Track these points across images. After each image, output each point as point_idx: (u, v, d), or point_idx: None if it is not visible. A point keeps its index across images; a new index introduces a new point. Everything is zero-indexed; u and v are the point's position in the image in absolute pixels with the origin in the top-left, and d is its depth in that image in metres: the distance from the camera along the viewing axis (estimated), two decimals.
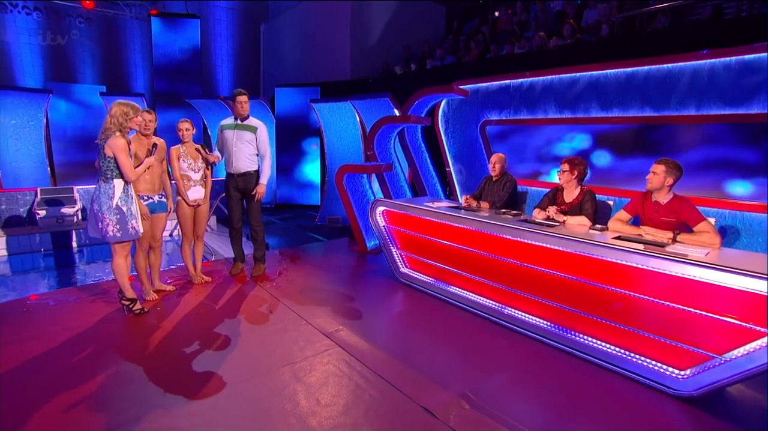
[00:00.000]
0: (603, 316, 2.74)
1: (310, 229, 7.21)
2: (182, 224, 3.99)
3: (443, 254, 3.73)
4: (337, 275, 4.49)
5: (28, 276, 5.31)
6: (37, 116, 7.47)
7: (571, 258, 2.79)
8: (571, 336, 2.92)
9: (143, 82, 10.46)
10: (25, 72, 9.19)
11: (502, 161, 4.06)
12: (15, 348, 2.92)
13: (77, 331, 3.17)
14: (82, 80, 9.69)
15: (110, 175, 3.19)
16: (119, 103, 3.20)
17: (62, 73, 9.51)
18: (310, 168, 9.27)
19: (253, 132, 4.09)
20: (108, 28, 9.96)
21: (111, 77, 10.05)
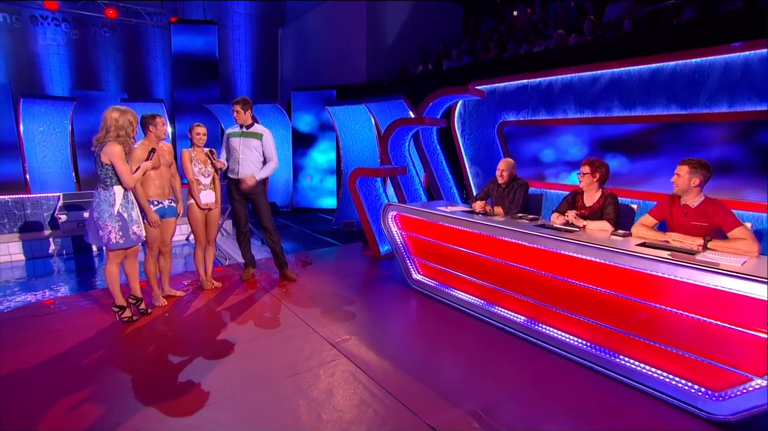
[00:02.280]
0: (627, 330, 2.54)
1: (325, 233, 7.20)
2: (194, 229, 3.98)
3: (457, 260, 3.61)
4: (349, 282, 4.41)
5: (46, 280, 5.38)
6: (63, 123, 7.65)
7: (592, 266, 2.61)
8: (592, 351, 2.74)
9: (164, 88, 10.65)
10: (54, 81, 9.50)
11: (510, 167, 3.89)
12: (19, 353, 2.93)
13: (84, 336, 3.18)
14: (105, 88, 9.95)
15: (109, 182, 3.17)
16: (121, 111, 3.16)
17: (87, 81, 9.78)
18: (326, 170, 9.21)
19: (259, 139, 4.09)
20: (130, 36, 10.20)
21: (133, 85, 10.27)
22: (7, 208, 6.31)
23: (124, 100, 8.23)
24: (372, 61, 9.37)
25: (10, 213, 6.31)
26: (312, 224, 8.09)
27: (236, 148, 4.05)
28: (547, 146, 4.92)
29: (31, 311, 3.72)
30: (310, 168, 9.28)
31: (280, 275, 4.45)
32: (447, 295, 3.79)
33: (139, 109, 9.09)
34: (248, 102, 4.08)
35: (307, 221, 8.32)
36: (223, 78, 11.17)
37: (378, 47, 9.38)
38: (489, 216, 3.52)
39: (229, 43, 11.47)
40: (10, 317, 3.60)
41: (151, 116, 3.53)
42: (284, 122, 9.28)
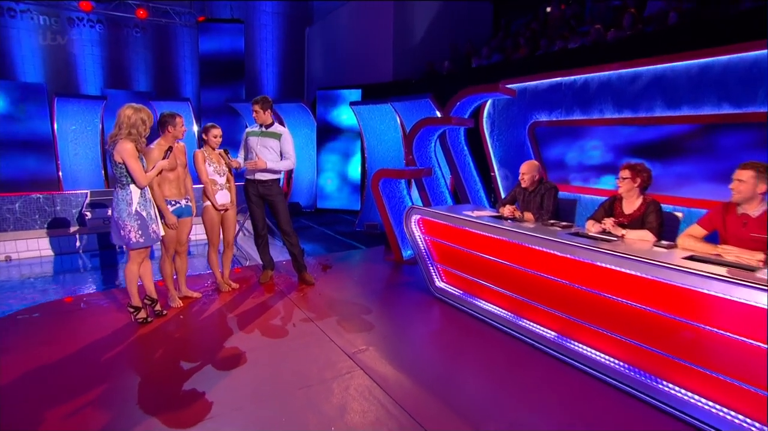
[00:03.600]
0: (671, 352, 2.32)
1: (348, 235, 7.16)
2: (209, 230, 3.98)
3: (483, 269, 3.45)
4: (369, 288, 4.32)
5: (70, 277, 5.54)
6: (94, 122, 7.89)
7: (631, 280, 2.39)
8: (629, 373, 2.52)
9: (191, 87, 10.87)
10: (88, 80, 9.86)
11: (532, 171, 3.68)
12: (32, 352, 2.96)
13: (97, 336, 3.19)
14: (135, 87, 10.23)
15: (125, 181, 3.17)
16: (135, 108, 3.15)
17: (118, 80, 10.11)
18: (351, 172, 9.19)
19: (277, 139, 4.08)
20: (160, 36, 10.46)
21: (161, 84, 10.54)
22: (39, 204, 6.54)
23: (152, 98, 8.41)
24: (399, 59, 9.30)
25: (42, 209, 6.55)
26: (335, 225, 8.05)
27: (253, 147, 4.05)
28: (581, 147, 4.72)
29: (50, 309, 3.78)
30: (333, 169, 9.29)
31: (298, 279, 4.41)
32: (472, 305, 3.64)
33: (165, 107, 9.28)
34: (267, 101, 4.06)
35: (330, 223, 8.29)
36: (250, 77, 11.30)
37: (405, 46, 9.29)
38: (518, 222, 3.35)
39: (256, 42, 11.60)
40: (28, 314, 3.66)
41: (171, 114, 3.52)
42: (309, 121, 9.31)
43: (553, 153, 4.98)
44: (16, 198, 6.45)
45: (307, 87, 12.34)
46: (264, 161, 3.97)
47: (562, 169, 4.90)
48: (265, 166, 3.97)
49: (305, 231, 7.56)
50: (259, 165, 3.96)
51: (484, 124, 5.59)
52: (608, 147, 4.49)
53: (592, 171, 4.66)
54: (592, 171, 4.66)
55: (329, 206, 9.37)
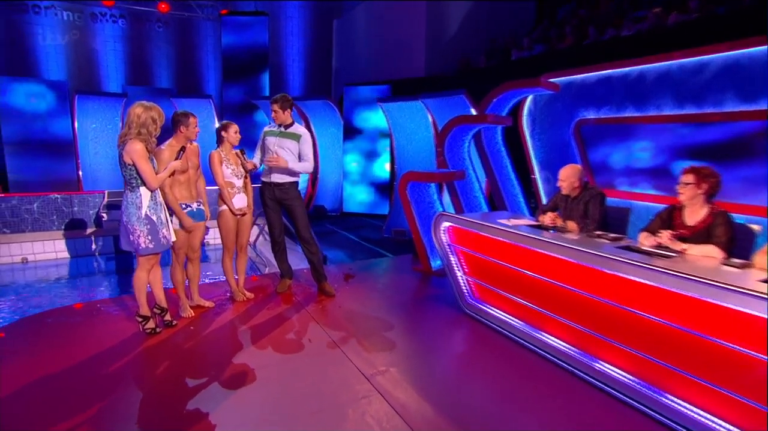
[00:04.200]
0: (739, 392, 2.09)
1: (374, 242, 7.17)
2: (224, 236, 4.00)
3: (520, 285, 3.31)
4: (393, 301, 4.25)
5: (84, 281, 5.71)
6: (114, 120, 8.17)
7: (693, 305, 2.18)
8: (688, 413, 2.29)
9: (215, 83, 11.14)
10: (110, 77, 10.27)
11: (571, 176, 3.49)
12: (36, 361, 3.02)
13: (104, 347, 3.24)
14: (157, 83, 10.57)
15: (135, 183, 3.19)
16: (145, 107, 3.18)
17: (140, 76, 10.48)
18: (379, 174, 9.24)
19: (296, 140, 4.08)
20: (182, 30, 10.80)
21: (183, 80, 10.86)
22: (57, 205, 6.81)
23: (173, 95, 8.63)
24: (431, 54, 9.29)
25: (59, 210, 6.82)
26: (361, 230, 8.08)
27: (270, 148, 4.07)
28: (634, 148, 4.51)
29: (59, 315, 3.87)
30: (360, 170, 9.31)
31: (318, 289, 4.39)
32: (506, 325, 3.50)
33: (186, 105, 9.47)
34: (287, 100, 4.08)
35: (356, 228, 8.33)
36: (275, 72, 11.48)
37: (438, 39, 9.25)
38: (560, 233, 3.18)
39: (282, 36, 11.81)
40: (37, 321, 3.77)
41: (184, 113, 3.55)
42: (335, 119, 9.38)
43: (601, 154, 4.81)
44: (34, 198, 6.73)
45: (335, 83, 12.46)
46: (284, 160, 3.97)
47: (611, 172, 4.71)
48: (286, 164, 3.97)
49: (329, 237, 7.58)
50: (281, 163, 3.96)
51: (524, 122, 5.47)
52: (664, 147, 4.27)
53: (645, 175, 4.44)
54: (645, 175, 4.44)
55: (356, 209, 9.43)
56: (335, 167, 9.55)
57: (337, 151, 9.40)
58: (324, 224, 8.67)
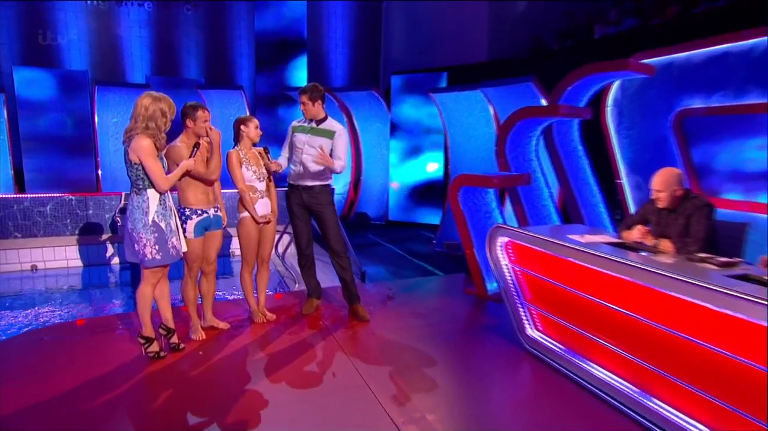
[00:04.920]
0: None
1: (423, 257, 7.20)
2: (244, 247, 4.04)
3: (596, 319, 3.08)
4: (438, 330, 4.17)
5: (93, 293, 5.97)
6: None
7: None
8: None
9: (248, 73, 11.41)
10: (134, 66, 10.75)
11: (672, 184, 3.21)
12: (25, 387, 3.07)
13: (101, 371, 3.29)
14: (185, 73, 10.98)
15: (142, 185, 3.22)
16: (154, 97, 3.21)
17: (167, 65, 10.90)
18: (430, 175, 9.25)
19: (329, 138, 4.11)
20: (214, 13, 11.16)
21: (213, 69, 11.19)
22: (71, 207, 7.17)
23: (200, 87, 8.96)
24: (496, 34, 9.34)
25: (73, 213, 7.18)
26: (408, 243, 8.14)
27: (300, 147, 4.10)
28: (755, 146, 4.23)
29: (57, 332, 4.01)
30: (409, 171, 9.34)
31: (349, 312, 4.40)
32: (577, 369, 3.28)
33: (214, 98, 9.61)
34: (318, 90, 4.09)
35: (403, 239, 8.39)
36: (315, 60, 11.62)
37: (504, 17, 9.30)
38: (651, 254, 2.93)
39: (323, 19, 11.95)
40: (31, 338, 3.90)
41: (192, 106, 3.59)
42: (381, 113, 9.45)
43: (708, 153, 4.58)
44: (47, 199, 7.09)
45: (383, 72, 12.57)
46: (332, 160, 3.99)
47: (720, 176, 4.49)
48: (332, 164, 3.98)
49: (371, 249, 7.67)
50: (327, 162, 3.94)
51: (608, 114, 5.31)
52: None
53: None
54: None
55: (404, 218, 9.50)
56: (381, 168, 9.60)
57: (383, 149, 9.47)
58: (366, 234, 8.78)
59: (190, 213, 3.61)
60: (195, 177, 3.57)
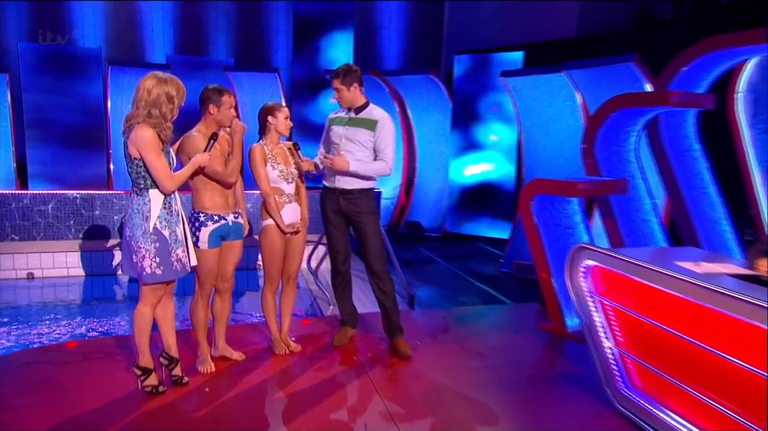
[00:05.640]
0: None
1: (487, 278, 7.12)
2: (267, 261, 4.08)
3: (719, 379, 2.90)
4: (501, 374, 4.10)
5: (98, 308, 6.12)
6: None
7: None
8: None
9: (284, 53, 11.62)
10: (155, 43, 11.12)
11: None
12: None
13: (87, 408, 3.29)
14: (211, 52, 11.29)
15: (143, 184, 3.23)
16: (159, 78, 3.21)
17: (191, 43, 11.23)
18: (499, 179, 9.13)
19: (371, 129, 4.10)
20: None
21: (245, 48, 11.45)
22: (75, 207, 7.42)
23: (228, 68, 9.16)
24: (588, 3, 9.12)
25: (77, 213, 7.42)
26: (469, 260, 8.08)
27: (337, 142, 4.14)
28: None
29: (43, 356, 4.11)
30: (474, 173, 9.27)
31: (390, 346, 4.36)
32: None
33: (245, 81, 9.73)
34: (353, 72, 4.08)
35: (463, 256, 8.32)
36: (363, 38, 11.67)
37: None
38: None
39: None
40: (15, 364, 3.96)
41: (216, 89, 3.63)
42: (441, 101, 9.46)
43: None
44: (49, 197, 7.31)
45: (446, 51, 12.60)
46: (345, 160, 3.99)
47: None
48: (345, 167, 3.98)
49: (423, 267, 7.64)
50: (336, 165, 3.98)
51: (738, 103, 5.06)
52: None
53: None
54: None
55: (465, 230, 9.39)
56: (439, 168, 9.56)
57: (442, 146, 9.44)
58: (419, 248, 8.73)
59: (205, 219, 3.61)
60: (210, 177, 3.59)
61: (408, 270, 6.69)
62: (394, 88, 9.28)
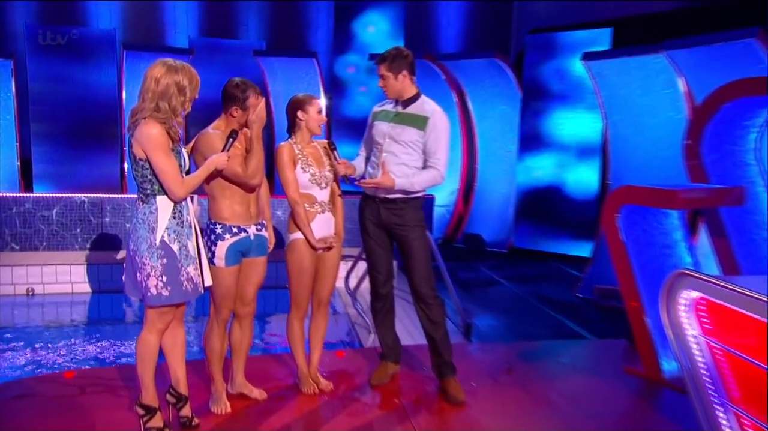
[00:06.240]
0: None
1: (561, 306, 7.02)
2: (294, 282, 4.04)
3: None
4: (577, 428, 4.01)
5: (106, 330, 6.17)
6: None
7: None
8: None
9: (324, 34, 11.67)
10: (176, 24, 11.34)
11: None
12: None
13: None
14: (242, 34, 11.44)
15: (149, 189, 3.21)
16: (169, 66, 3.19)
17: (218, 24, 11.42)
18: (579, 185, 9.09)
19: (420, 127, 4.06)
20: None
21: (279, 29, 11.58)
22: (83, 212, 7.54)
23: (259, 53, 9.25)
24: None
25: (85, 220, 7.55)
26: (541, 282, 8.09)
27: (380, 141, 4.13)
28: None
29: (34, 387, 4.12)
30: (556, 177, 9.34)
31: (439, 388, 4.28)
32: None
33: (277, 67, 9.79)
34: (402, 57, 4.04)
35: (534, 277, 8.35)
36: (415, 15, 11.62)
37: None
38: None
39: None
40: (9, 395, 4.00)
41: (242, 84, 3.61)
42: (509, 90, 9.43)
43: None
44: (54, 201, 7.43)
45: (516, 31, 12.52)
46: (390, 179, 3.96)
47: None
48: (391, 185, 3.96)
49: (484, 290, 7.72)
50: (382, 188, 3.98)
51: None
52: None
53: None
54: None
55: (536, 245, 9.44)
56: (505, 171, 9.53)
57: (509, 144, 9.40)
58: (479, 266, 8.73)
59: (222, 231, 3.60)
60: (229, 180, 3.58)
61: (465, 294, 6.64)
62: (452, 74, 9.22)
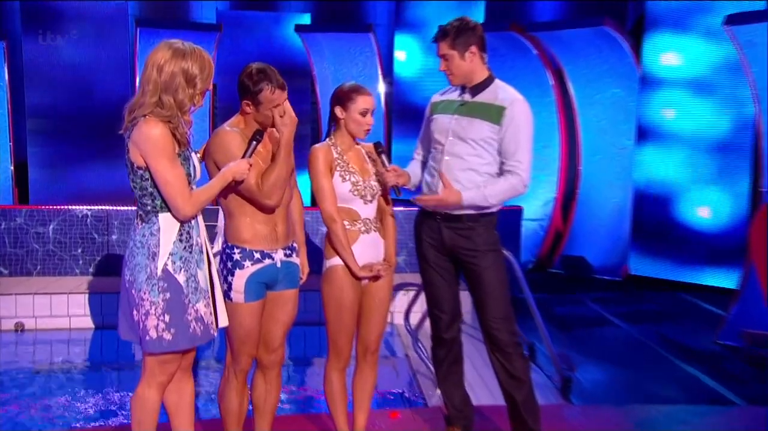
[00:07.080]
0: None
1: (697, 356, 6.94)
2: (333, 320, 3.96)
3: None
4: None
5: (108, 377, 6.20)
6: None
7: None
8: None
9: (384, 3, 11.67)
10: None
11: None
12: None
13: None
14: (282, 5, 11.56)
15: (150, 205, 3.18)
16: (175, 49, 3.14)
17: None
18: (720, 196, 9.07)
19: (493, 120, 3.98)
20: None
21: None
22: (85, 229, 7.58)
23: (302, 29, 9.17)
24: None
25: (87, 238, 7.60)
26: (667, 323, 8.10)
27: (440, 140, 4.09)
28: None
29: None
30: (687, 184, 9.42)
31: None
32: None
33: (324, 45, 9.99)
34: (469, 30, 3.99)
35: (658, 316, 8.40)
36: None
37: None
38: None
39: None
40: None
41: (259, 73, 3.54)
42: (622, 67, 9.59)
43: None
44: (50, 214, 7.49)
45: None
46: (456, 194, 3.94)
47: None
48: (457, 201, 3.94)
49: (589, 331, 7.85)
50: (444, 204, 3.98)
51: None
52: None
53: None
54: None
55: (661, 273, 9.60)
56: (617, 174, 9.60)
57: (623, 139, 9.40)
58: (583, 299, 8.82)
59: (242, 258, 3.54)
60: (242, 194, 3.54)
61: (562, 336, 6.75)
62: (547, 49, 9.22)
